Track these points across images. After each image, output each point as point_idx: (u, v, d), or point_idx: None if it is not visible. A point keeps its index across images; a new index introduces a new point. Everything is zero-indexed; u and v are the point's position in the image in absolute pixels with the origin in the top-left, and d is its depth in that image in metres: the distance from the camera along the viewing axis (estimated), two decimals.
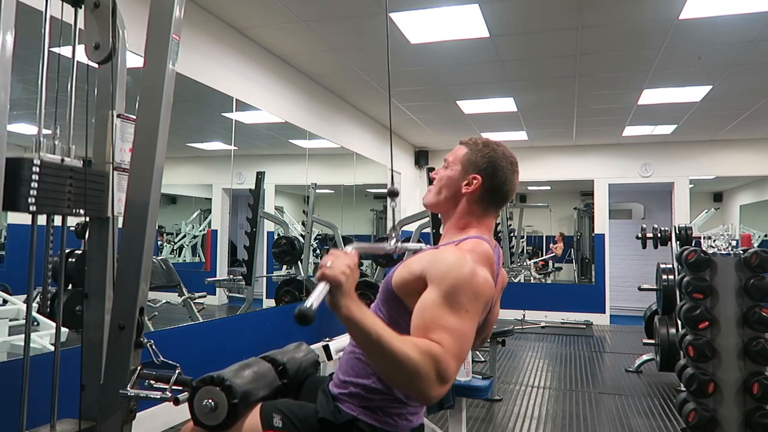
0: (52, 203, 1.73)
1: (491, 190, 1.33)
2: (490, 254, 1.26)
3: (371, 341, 1.00)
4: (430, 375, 1.00)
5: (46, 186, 1.70)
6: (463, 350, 1.07)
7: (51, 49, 1.82)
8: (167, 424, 3.36)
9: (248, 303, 5.55)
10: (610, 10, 3.72)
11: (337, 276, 1.01)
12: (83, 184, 1.83)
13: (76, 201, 1.81)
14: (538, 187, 10.75)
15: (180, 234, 7.75)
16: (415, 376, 0.99)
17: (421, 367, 0.99)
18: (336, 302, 1.02)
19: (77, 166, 1.83)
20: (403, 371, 1.00)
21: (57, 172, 1.75)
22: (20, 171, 1.64)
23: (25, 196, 1.64)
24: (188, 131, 5.76)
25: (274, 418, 1.36)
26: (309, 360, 1.71)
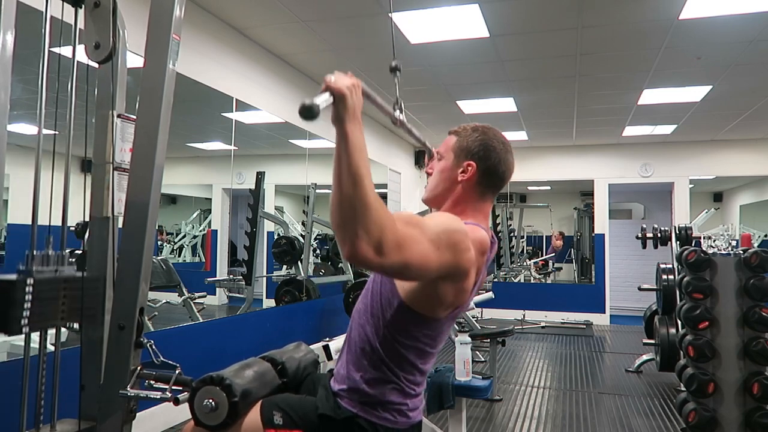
0: (45, 319, 1.67)
1: (487, 173, 1.33)
2: (485, 241, 1.25)
3: (351, 169, 0.96)
4: (374, 230, 0.95)
5: (39, 304, 1.62)
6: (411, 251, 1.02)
7: (51, 49, 1.82)
8: (167, 424, 3.36)
9: (248, 303, 5.55)
10: (610, 10, 3.73)
11: (341, 88, 0.97)
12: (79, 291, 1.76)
13: (71, 313, 1.74)
14: (538, 187, 10.75)
15: (180, 234, 7.75)
16: (362, 220, 0.94)
17: (373, 216, 0.95)
18: (339, 114, 0.98)
19: (72, 275, 1.76)
20: (357, 209, 0.95)
21: (51, 286, 1.68)
22: (13, 294, 1.56)
23: (18, 319, 1.57)
24: (188, 131, 5.76)
25: (275, 416, 1.36)
26: (308, 360, 1.71)
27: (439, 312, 1.23)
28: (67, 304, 1.73)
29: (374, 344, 1.27)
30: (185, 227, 7.73)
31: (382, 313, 1.26)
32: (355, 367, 1.30)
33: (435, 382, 2.81)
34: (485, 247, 1.25)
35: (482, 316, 7.63)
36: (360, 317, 1.33)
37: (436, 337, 1.30)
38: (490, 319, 7.62)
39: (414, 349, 1.27)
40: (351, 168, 0.95)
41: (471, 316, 6.03)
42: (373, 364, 1.27)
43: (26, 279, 1.59)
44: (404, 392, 1.29)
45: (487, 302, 5.45)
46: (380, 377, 1.27)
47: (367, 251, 0.95)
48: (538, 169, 8.71)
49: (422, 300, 1.21)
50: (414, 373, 1.29)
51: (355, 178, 0.95)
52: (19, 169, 2.53)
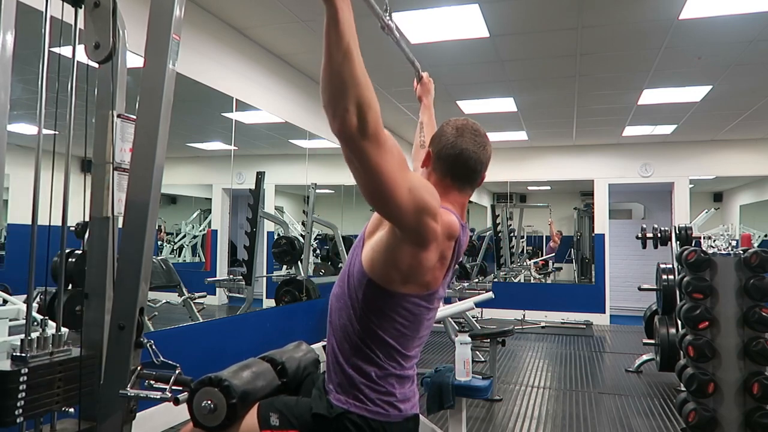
0: (40, 407, 1.63)
1: (439, 157, 1.37)
2: (454, 227, 1.25)
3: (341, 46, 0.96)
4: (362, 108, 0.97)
5: (33, 392, 1.59)
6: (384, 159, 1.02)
7: (51, 49, 1.82)
8: (167, 424, 3.36)
9: (248, 303, 5.55)
10: (610, 10, 3.73)
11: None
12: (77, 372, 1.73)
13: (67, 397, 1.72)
14: (538, 187, 10.75)
15: (180, 234, 7.75)
16: (351, 96, 0.96)
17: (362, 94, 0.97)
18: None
19: (68, 357, 1.73)
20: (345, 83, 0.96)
21: (46, 372, 1.65)
22: (6, 385, 1.53)
23: (12, 409, 1.54)
24: (188, 131, 5.76)
25: (271, 417, 1.37)
26: (309, 359, 1.71)
27: (396, 282, 1.22)
28: (63, 387, 1.70)
29: (354, 326, 1.28)
30: (185, 227, 7.74)
31: (355, 294, 1.28)
32: (340, 351, 1.31)
33: (435, 382, 2.81)
34: (453, 231, 1.25)
35: (482, 316, 7.63)
36: (338, 301, 1.34)
37: (413, 321, 1.28)
38: (490, 319, 7.62)
39: (391, 330, 1.26)
40: (341, 43, 0.96)
41: (471, 316, 6.03)
42: (354, 346, 1.28)
43: (20, 369, 1.57)
44: (389, 375, 1.28)
45: (487, 302, 5.44)
46: (363, 358, 1.27)
47: (352, 123, 0.97)
48: (538, 169, 8.71)
49: (382, 267, 1.23)
50: (395, 356, 1.29)
51: (346, 53, 0.96)
52: (19, 169, 2.53)
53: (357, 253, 1.32)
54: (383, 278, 1.23)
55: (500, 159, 7.98)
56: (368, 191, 1.08)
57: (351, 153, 1.02)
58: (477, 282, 7.97)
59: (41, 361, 1.65)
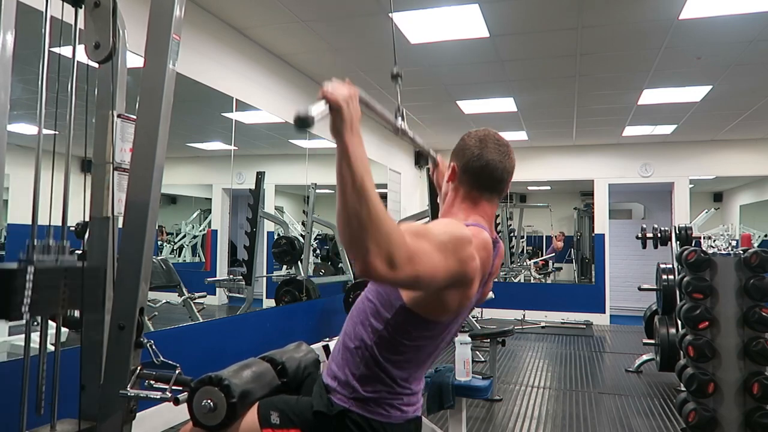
0: (45, 307, 1.70)
1: (465, 170, 1.36)
2: (488, 245, 1.26)
3: (355, 182, 0.95)
4: (385, 245, 0.95)
5: (40, 292, 1.65)
6: (421, 261, 1.02)
7: (51, 49, 1.82)
8: (167, 424, 3.36)
9: (248, 303, 5.55)
10: (610, 10, 3.73)
11: (338, 100, 0.97)
12: (79, 281, 1.77)
13: (71, 301, 1.76)
14: (538, 187, 10.75)
15: (180, 234, 7.75)
16: (373, 235, 0.94)
17: (382, 232, 0.95)
18: (337, 128, 0.97)
19: (72, 265, 1.78)
20: (366, 224, 0.94)
21: (51, 275, 1.70)
22: (13, 281, 1.59)
23: (18, 305, 1.59)
24: (188, 131, 5.76)
25: (272, 415, 1.37)
26: (309, 359, 1.71)
27: (443, 317, 1.25)
28: (68, 292, 1.75)
29: (369, 343, 1.27)
30: (185, 227, 7.73)
31: (381, 314, 1.26)
32: (348, 362, 1.30)
33: (435, 382, 2.81)
34: (489, 249, 1.26)
35: (482, 316, 7.63)
36: (359, 314, 1.33)
37: (437, 338, 1.30)
38: (490, 319, 7.62)
39: (413, 350, 1.27)
40: (355, 182, 0.95)
41: (471, 316, 6.03)
42: (365, 362, 1.27)
43: (27, 267, 1.62)
44: (396, 391, 1.29)
45: (487, 302, 5.45)
46: (372, 376, 1.27)
47: (379, 266, 0.95)
48: (538, 169, 8.71)
49: (427, 305, 1.22)
50: (410, 372, 1.30)
51: (360, 192, 0.94)
52: (19, 169, 2.53)
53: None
54: (428, 312, 1.24)
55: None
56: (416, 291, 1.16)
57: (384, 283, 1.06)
58: None
59: (47, 264, 1.71)
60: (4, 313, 1.60)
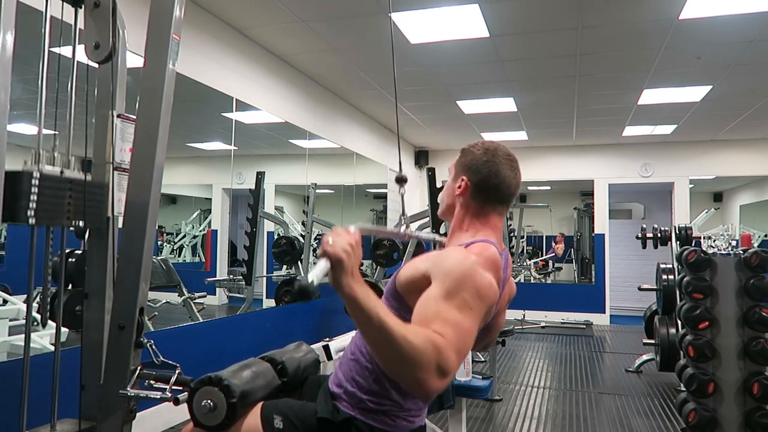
0: (51, 215, 1.72)
1: (479, 186, 1.35)
2: (496, 259, 1.24)
3: (373, 324, 0.97)
4: (430, 364, 0.97)
5: (45, 198, 1.69)
6: (464, 345, 1.06)
7: (51, 49, 1.82)
8: (167, 424, 3.36)
9: (248, 303, 5.55)
10: (610, 10, 3.72)
11: (338, 253, 0.99)
12: (83, 195, 1.81)
13: (76, 212, 1.80)
14: (538, 187, 10.75)
15: (180, 234, 7.75)
16: (415, 364, 0.96)
17: (422, 354, 0.96)
18: (338, 280, 1.00)
19: (77, 177, 1.82)
20: (403, 358, 0.96)
21: (56, 184, 1.74)
22: (19, 184, 1.63)
23: (24, 209, 1.63)
24: (188, 131, 5.76)
25: (275, 419, 1.36)
26: (309, 360, 1.71)
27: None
28: (73, 204, 1.79)
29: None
30: (185, 227, 7.73)
31: None
32: (357, 374, 1.30)
33: None
34: (498, 264, 1.25)
35: None
36: None
37: None
38: None
39: None
40: (372, 321, 0.98)
41: None
42: (375, 377, 1.26)
43: (32, 172, 1.66)
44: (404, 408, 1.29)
45: None
46: (381, 392, 1.26)
47: (437, 384, 0.99)
48: (538, 169, 8.70)
49: None
50: None
51: (384, 333, 0.97)
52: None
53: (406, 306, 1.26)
54: None
55: None
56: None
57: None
58: None
59: (52, 172, 1.75)
60: (10, 216, 1.62)
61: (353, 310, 1.00)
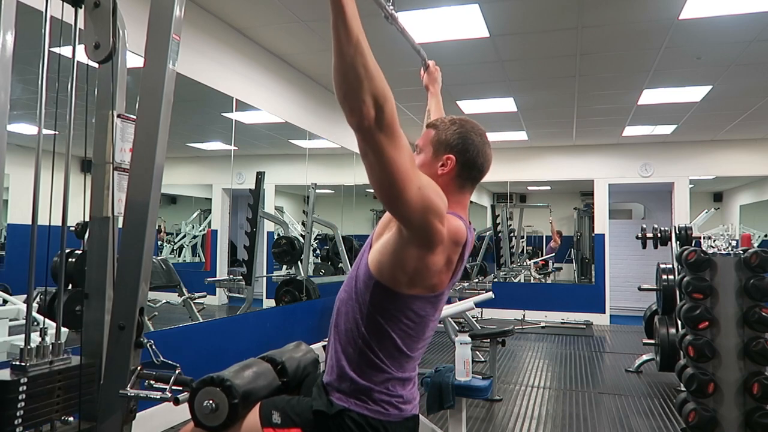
0: (40, 416, 1.62)
1: (466, 165, 1.34)
2: (461, 232, 1.26)
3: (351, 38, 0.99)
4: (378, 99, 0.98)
5: (33, 402, 1.59)
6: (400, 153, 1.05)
7: (51, 49, 1.82)
8: (167, 424, 3.36)
9: (248, 303, 5.55)
10: (610, 10, 3.72)
11: None
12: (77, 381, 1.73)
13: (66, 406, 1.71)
14: (538, 187, 10.74)
15: (180, 234, 7.75)
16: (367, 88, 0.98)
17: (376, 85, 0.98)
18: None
19: (67, 366, 1.73)
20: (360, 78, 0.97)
21: (46, 381, 1.65)
22: (6, 395, 1.53)
23: (11, 419, 1.53)
24: (188, 131, 5.76)
25: (273, 415, 1.37)
26: (308, 359, 1.71)
27: (403, 284, 1.24)
28: (62, 395, 1.70)
29: (360, 329, 1.28)
30: (185, 227, 7.73)
31: (362, 297, 1.28)
32: (344, 355, 1.31)
33: (435, 382, 2.81)
34: (460, 237, 1.26)
35: (482, 316, 7.63)
36: (344, 305, 1.34)
37: (419, 322, 1.29)
38: (490, 319, 7.62)
39: (397, 332, 1.27)
40: (351, 37, 0.98)
41: (471, 316, 6.03)
42: (359, 350, 1.28)
43: (20, 379, 1.57)
44: (392, 379, 1.29)
45: (487, 302, 5.45)
46: (367, 363, 1.28)
47: (370, 115, 0.99)
48: (538, 169, 8.70)
49: (388, 269, 1.24)
50: (399, 359, 1.30)
51: (356, 46, 0.98)
52: (19, 169, 2.53)
53: (364, 257, 1.32)
54: (390, 280, 1.24)
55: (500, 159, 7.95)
56: (380, 185, 1.09)
57: (367, 146, 1.03)
58: (477, 282, 7.96)
59: (41, 370, 1.65)
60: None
61: (337, 20, 1.00)
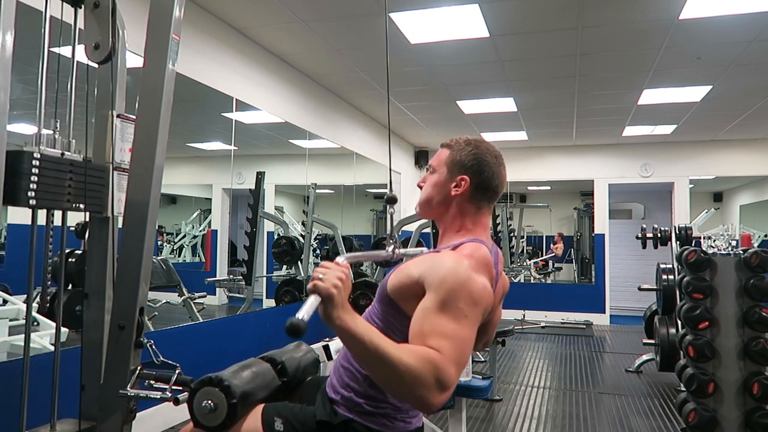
0: (52, 197, 1.72)
1: (480, 186, 1.33)
2: (488, 259, 1.24)
3: (368, 351, 1.00)
4: (429, 382, 0.99)
5: (46, 180, 1.68)
6: (462, 356, 1.06)
7: (51, 49, 1.82)
8: (167, 424, 3.36)
9: (248, 303, 5.55)
10: (610, 10, 3.72)
11: (328, 289, 1.01)
12: (83, 178, 1.81)
13: (76, 195, 1.80)
14: (538, 187, 10.74)
15: (180, 234, 7.75)
16: (414, 384, 0.99)
17: (419, 374, 0.99)
18: (329, 314, 1.02)
19: (77, 160, 1.82)
20: (401, 380, 0.99)
21: (57, 165, 1.73)
22: (20, 164, 1.62)
23: (25, 190, 1.62)
24: (188, 131, 5.77)
25: (276, 422, 1.36)
26: (308, 359, 1.71)
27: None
28: (73, 187, 1.78)
29: None
30: (185, 227, 7.73)
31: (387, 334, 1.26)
32: (351, 380, 1.30)
33: None
34: (490, 264, 1.25)
35: None
36: None
37: None
38: None
39: None
40: (369, 351, 1.00)
41: None
42: (370, 382, 1.26)
43: (33, 153, 1.64)
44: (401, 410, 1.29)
45: None
46: (377, 396, 1.27)
47: (439, 398, 1.02)
48: (538, 169, 8.70)
49: None
50: None
51: (380, 358, 1.00)
52: None
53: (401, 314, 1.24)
54: None
55: None
56: None
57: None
58: None
59: (53, 154, 1.74)
60: (10, 198, 1.60)
61: (347, 340, 1.03)
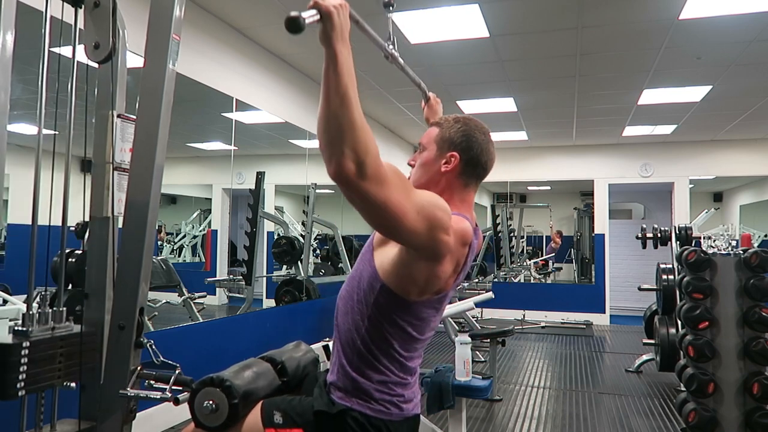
0: (41, 381, 1.63)
1: (470, 163, 1.34)
2: (468, 233, 1.25)
3: (338, 89, 0.97)
4: (359, 153, 0.97)
5: (35, 366, 1.59)
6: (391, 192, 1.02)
7: (51, 49, 1.82)
8: (167, 424, 3.36)
9: (248, 303, 5.55)
10: (610, 10, 3.72)
11: (328, 6, 0.97)
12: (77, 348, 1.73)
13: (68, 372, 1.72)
14: (538, 187, 10.74)
15: (180, 234, 7.75)
16: (347, 141, 0.96)
17: (358, 139, 0.97)
18: (327, 33, 0.98)
19: (69, 333, 1.73)
20: (342, 128, 0.96)
21: (48, 346, 1.65)
22: (8, 358, 1.53)
23: (13, 383, 1.53)
24: (188, 131, 5.77)
25: (275, 415, 1.37)
26: (308, 359, 1.71)
27: (413, 293, 1.23)
28: (64, 362, 1.70)
29: (361, 331, 1.28)
30: (185, 227, 7.73)
31: (366, 298, 1.27)
32: (344, 354, 1.31)
33: (435, 382, 2.81)
34: (468, 238, 1.26)
35: (482, 316, 7.63)
36: (345, 304, 1.34)
37: (421, 324, 1.30)
38: (490, 319, 7.62)
39: (400, 333, 1.27)
40: (339, 88, 0.97)
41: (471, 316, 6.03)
42: (357, 350, 1.28)
43: (22, 342, 1.57)
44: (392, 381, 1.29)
45: (487, 302, 5.45)
46: (366, 363, 1.28)
47: (350, 169, 0.97)
48: (538, 169, 8.70)
49: (398, 279, 1.23)
50: (399, 360, 1.30)
51: (343, 97, 0.97)
52: (19, 169, 2.53)
53: (368, 258, 1.31)
54: (399, 288, 1.24)
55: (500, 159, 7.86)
56: (376, 225, 1.09)
57: (351, 194, 1.01)
58: (477, 282, 7.97)
59: (43, 335, 1.65)
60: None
61: (329, 68, 0.98)
